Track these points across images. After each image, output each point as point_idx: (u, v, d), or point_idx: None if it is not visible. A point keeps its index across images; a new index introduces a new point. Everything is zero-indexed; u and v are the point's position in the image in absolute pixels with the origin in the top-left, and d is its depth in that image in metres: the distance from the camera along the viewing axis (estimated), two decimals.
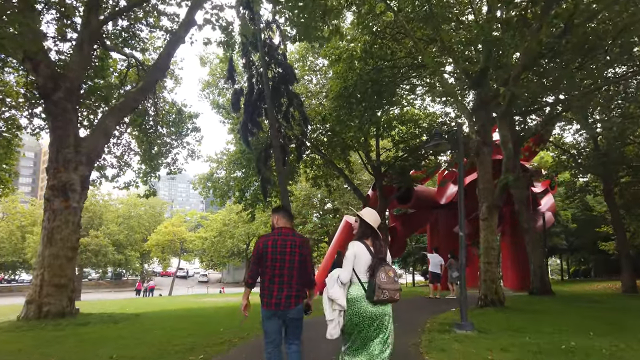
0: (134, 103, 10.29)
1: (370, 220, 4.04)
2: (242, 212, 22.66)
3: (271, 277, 4.16)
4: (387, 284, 3.75)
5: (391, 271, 3.86)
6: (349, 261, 3.91)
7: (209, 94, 22.62)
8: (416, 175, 23.89)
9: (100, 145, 9.42)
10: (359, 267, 3.89)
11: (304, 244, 4.29)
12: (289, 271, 4.16)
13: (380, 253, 3.94)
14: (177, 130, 15.87)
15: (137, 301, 29.27)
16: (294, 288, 4.15)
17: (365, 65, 16.64)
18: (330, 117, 17.80)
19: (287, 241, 4.24)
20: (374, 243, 3.98)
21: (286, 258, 4.18)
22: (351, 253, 3.91)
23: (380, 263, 3.86)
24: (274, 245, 4.20)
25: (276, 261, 4.16)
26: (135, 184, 15.68)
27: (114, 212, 46.54)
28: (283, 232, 4.30)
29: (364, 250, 3.90)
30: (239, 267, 61.27)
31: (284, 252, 4.18)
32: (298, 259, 4.20)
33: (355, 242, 4.00)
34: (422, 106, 23.84)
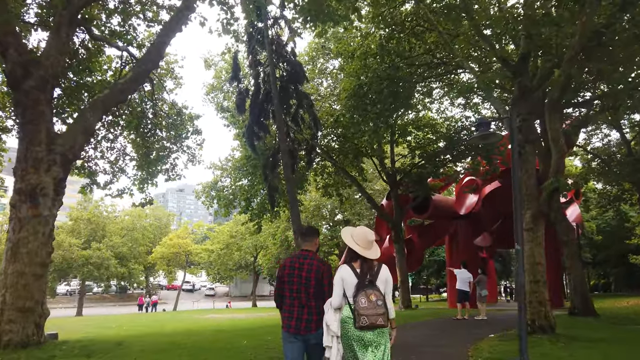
0: (121, 95, 8.93)
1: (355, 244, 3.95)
2: (247, 222, 21.18)
3: (290, 299, 4.14)
4: (367, 309, 3.64)
5: (373, 294, 3.71)
6: (337, 285, 3.86)
7: (213, 98, 21.37)
8: (434, 183, 22.33)
9: (78, 143, 8.04)
10: (348, 291, 3.81)
11: (321, 267, 4.16)
12: (306, 295, 4.09)
13: (367, 276, 3.81)
14: (177, 133, 14.50)
15: (136, 318, 27.79)
16: (314, 312, 4.07)
17: (382, 63, 15.24)
18: (344, 119, 16.35)
19: (305, 264, 4.17)
20: (362, 265, 3.86)
21: (302, 282, 4.11)
22: (338, 277, 3.88)
23: (362, 287, 3.74)
24: (292, 267, 4.18)
25: (293, 284, 4.13)
26: (129, 192, 14.31)
27: (118, 223, 45.26)
28: (303, 254, 4.27)
29: (350, 274, 3.83)
30: (247, 280, 59.65)
31: (300, 275, 4.13)
32: (314, 283, 4.09)
33: (343, 266, 3.95)
34: (439, 110, 22.43)
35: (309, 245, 4.35)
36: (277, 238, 37.78)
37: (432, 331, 10.84)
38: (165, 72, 15.62)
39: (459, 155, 20.54)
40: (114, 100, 8.84)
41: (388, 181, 21.99)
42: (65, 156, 7.81)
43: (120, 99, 8.99)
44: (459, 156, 20.66)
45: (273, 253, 39.31)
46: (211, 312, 33.21)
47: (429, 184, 21.78)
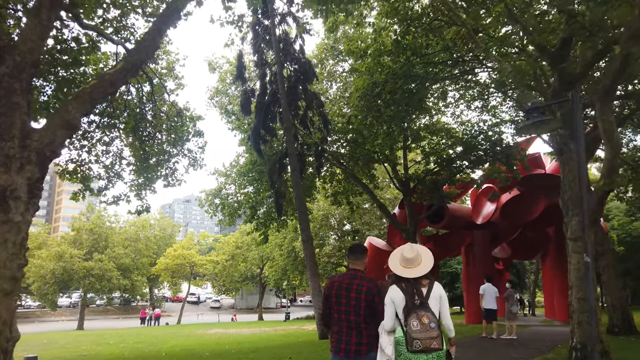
0: (111, 87, 7.91)
1: (394, 264, 3.88)
2: (253, 232, 20.07)
3: (339, 321, 3.99)
4: (419, 333, 3.49)
5: (425, 317, 3.52)
6: (388, 307, 3.75)
7: (218, 102, 20.40)
8: (449, 191, 21.14)
9: (58, 138, 6.99)
10: (400, 313, 3.65)
11: (372, 289, 3.99)
12: (356, 317, 3.92)
13: (414, 297, 3.64)
14: (177, 136, 13.47)
15: (137, 333, 26.65)
16: (364, 335, 3.92)
17: (396, 61, 14.22)
18: (356, 121, 15.27)
19: (353, 284, 4.01)
20: (406, 285, 3.72)
21: (351, 303, 3.95)
22: (387, 298, 3.76)
23: (413, 309, 3.57)
24: (339, 287, 4.04)
25: (341, 305, 3.98)
26: (126, 199, 13.27)
27: (121, 234, 44.27)
28: (351, 273, 4.12)
29: (399, 295, 3.69)
30: (253, 292, 58.40)
31: (349, 297, 3.97)
32: (364, 305, 3.92)
33: (392, 287, 3.82)
34: (454, 114, 21.34)
35: (357, 264, 4.15)
36: (284, 249, 36.65)
37: (467, 352, 9.64)
38: (166, 72, 14.67)
39: (476, 161, 19.39)
40: (103, 92, 7.82)
41: (401, 189, 20.83)
42: (42, 153, 6.78)
43: (109, 91, 7.96)
44: (476, 162, 19.50)
45: (280, 264, 38.13)
46: (216, 326, 32.00)
47: (444, 191, 20.61)
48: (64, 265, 35.68)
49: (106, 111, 12.91)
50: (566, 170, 8.21)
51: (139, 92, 13.53)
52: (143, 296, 49.30)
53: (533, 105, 5.44)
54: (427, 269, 3.76)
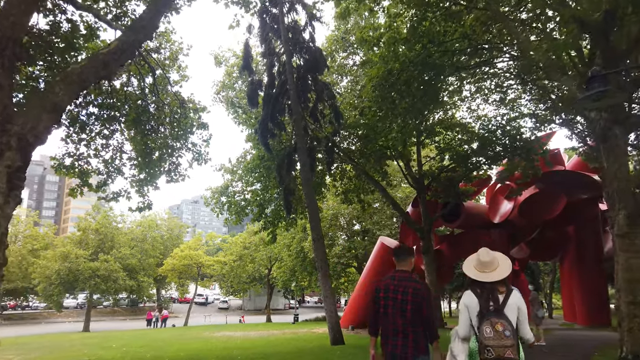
0: (104, 70, 7.17)
1: (469, 268, 3.77)
2: (260, 231, 19.29)
3: (385, 324, 3.90)
4: (491, 340, 3.35)
5: (500, 324, 3.39)
6: (462, 313, 3.66)
7: (224, 98, 19.63)
8: (465, 188, 20.23)
9: (43, 123, 6.25)
10: (474, 318, 3.55)
11: (419, 291, 3.80)
12: (402, 319, 3.79)
13: (489, 302, 3.52)
14: (180, 128, 12.73)
15: (143, 335, 25.99)
16: (410, 339, 3.76)
17: (412, 49, 13.40)
18: (369, 112, 14.45)
19: (400, 287, 3.85)
20: (481, 290, 3.58)
21: (398, 306, 3.81)
22: (462, 304, 3.68)
23: (486, 315, 3.46)
24: (387, 290, 3.92)
25: (388, 307, 3.87)
26: (126, 195, 12.54)
27: (127, 234, 43.71)
28: (397, 275, 3.97)
29: (474, 300, 3.58)
30: (260, 294, 57.68)
31: (395, 299, 3.84)
32: (411, 307, 3.76)
33: (467, 292, 3.72)
34: (470, 108, 20.43)
35: (403, 265, 4.00)
36: (293, 249, 35.88)
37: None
38: (170, 63, 13.94)
39: (494, 157, 18.48)
40: (94, 74, 7.08)
41: (415, 186, 19.98)
42: (24, 139, 6.04)
43: (102, 74, 7.23)
44: (494, 158, 18.58)
45: (288, 265, 37.35)
46: (223, 328, 31.26)
47: (460, 189, 19.72)
48: (69, 265, 35.13)
49: (105, 103, 12.23)
50: (611, 158, 7.33)
51: (141, 83, 12.84)
52: (150, 297, 48.76)
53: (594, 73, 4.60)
54: (503, 274, 3.61)
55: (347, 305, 30.51)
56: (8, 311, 53.91)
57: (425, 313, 3.75)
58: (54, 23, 9.20)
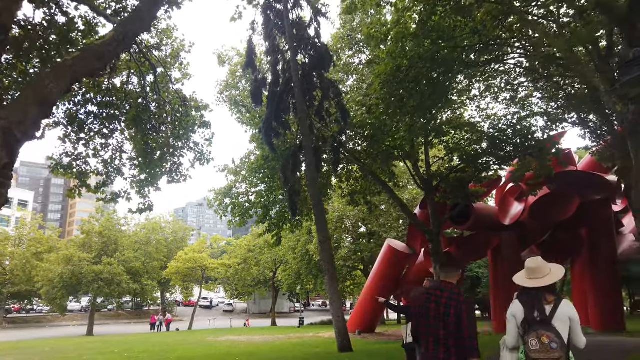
0: (98, 62, 6.77)
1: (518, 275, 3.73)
2: (265, 234, 18.85)
3: (426, 335, 3.87)
4: (537, 353, 3.25)
5: (546, 336, 3.26)
6: (509, 323, 3.57)
7: (228, 97, 19.23)
8: (475, 189, 19.71)
9: (31, 116, 5.84)
10: (520, 328, 3.45)
11: (461, 302, 3.76)
12: (444, 331, 3.73)
13: (534, 312, 3.38)
14: (182, 127, 12.32)
15: (146, 339, 25.58)
16: (452, 352, 3.70)
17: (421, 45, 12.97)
18: (377, 110, 14.00)
19: (443, 297, 3.83)
20: (526, 300, 3.48)
21: (440, 317, 3.77)
22: (509, 313, 3.59)
23: (532, 326, 3.34)
24: (428, 299, 3.91)
25: (430, 317, 3.83)
26: (126, 196, 12.14)
27: (131, 237, 43.38)
28: (441, 285, 3.98)
29: (520, 308, 3.49)
30: (265, 297, 57.22)
31: (437, 310, 3.80)
32: (453, 320, 3.70)
33: (514, 301, 3.60)
34: (479, 107, 19.93)
35: (451, 277, 4.01)
36: (298, 252, 35.45)
37: None
38: (171, 61, 13.55)
39: (505, 157, 17.97)
40: (88, 66, 6.68)
41: (423, 187, 19.46)
42: (10, 133, 5.64)
43: (96, 66, 6.82)
44: (505, 158, 18.06)
45: (293, 268, 36.92)
46: (227, 332, 30.84)
47: (469, 190, 19.20)
48: (72, 269, 34.81)
49: (105, 101, 11.86)
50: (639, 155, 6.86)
51: (141, 81, 12.46)
52: (154, 300, 48.40)
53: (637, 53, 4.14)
54: (552, 281, 3.54)
55: (353, 309, 30.03)
56: (12, 314, 53.74)
57: (465, 326, 3.67)
58: (49, 16, 8.81)
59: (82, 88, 11.77)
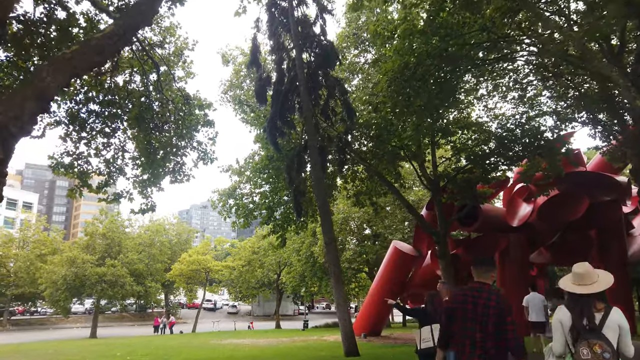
0: (97, 56, 6.54)
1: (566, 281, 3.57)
2: (269, 235, 18.59)
3: (462, 337, 3.70)
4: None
5: (598, 345, 3.13)
6: (556, 330, 3.48)
7: (232, 97, 19.00)
8: (483, 190, 19.37)
9: (27, 111, 5.60)
10: (568, 336, 3.34)
11: (501, 304, 3.61)
12: (482, 334, 3.57)
13: (583, 319, 3.27)
14: (185, 126, 12.09)
15: (149, 342, 25.35)
16: (489, 353, 3.54)
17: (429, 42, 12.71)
18: (384, 108, 13.74)
19: (480, 299, 3.67)
20: (574, 307, 3.37)
21: (478, 319, 3.61)
22: (555, 320, 3.52)
23: (583, 334, 3.22)
24: (464, 301, 3.73)
25: (467, 320, 3.67)
26: (128, 196, 11.93)
27: (135, 239, 43.21)
28: (477, 286, 3.81)
29: (568, 316, 3.39)
30: (269, 299, 56.96)
31: (475, 312, 3.63)
32: (493, 320, 3.55)
33: (560, 307, 3.55)
34: (486, 106, 19.63)
35: (484, 277, 3.82)
36: (302, 254, 35.18)
37: None
38: (175, 59, 13.33)
39: (513, 157, 17.66)
40: (87, 60, 6.45)
41: (430, 188, 19.16)
42: (5, 129, 5.40)
43: (95, 60, 6.58)
44: (514, 158, 17.75)
45: (298, 270, 36.63)
46: (231, 335, 30.57)
47: (477, 190, 18.87)
48: (75, 270, 34.68)
49: (107, 100, 11.65)
50: None
51: (144, 79, 12.25)
52: (158, 303, 48.23)
53: None
54: (601, 288, 3.39)
55: (358, 311, 29.72)
56: (16, 316, 53.70)
57: (508, 329, 3.54)
58: (48, 11, 8.59)
59: (84, 86, 11.59)
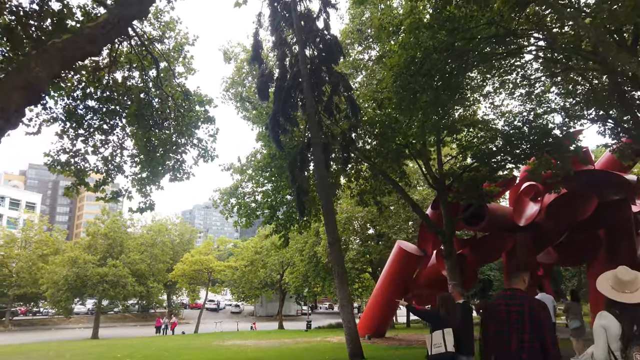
0: (90, 46, 6.22)
1: (607, 288, 3.39)
2: (272, 234, 18.26)
3: (499, 345, 3.57)
4: None
5: None
6: (599, 337, 3.31)
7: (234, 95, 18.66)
8: (489, 189, 18.99)
9: (14, 102, 5.30)
10: (613, 344, 3.20)
11: (536, 310, 3.54)
12: (518, 342, 3.46)
13: (633, 326, 3.16)
14: (185, 122, 11.78)
15: (150, 343, 25.06)
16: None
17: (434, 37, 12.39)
18: (389, 104, 13.40)
19: (514, 306, 3.58)
20: (621, 311, 3.24)
21: (513, 328, 3.50)
22: (598, 326, 3.34)
23: (635, 341, 3.11)
24: (498, 310, 3.64)
25: (502, 333, 3.53)
26: (127, 194, 11.62)
27: (137, 239, 42.95)
28: (509, 293, 3.74)
29: (614, 323, 3.25)
30: (272, 299, 56.64)
31: (509, 321, 3.54)
32: (529, 328, 3.47)
33: (603, 313, 3.38)
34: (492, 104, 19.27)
35: (516, 282, 3.73)
36: (305, 254, 34.88)
37: None
38: (175, 55, 13.01)
39: (521, 155, 17.28)
40: (79, 50, 6.14)
41: (435, 186, 18.80)
42: None
43: (87, 50, 6.26)
44: (521, 156, 17.37)
45: (301, 270, 36.33)
46: (234, 335, 30.27)
47: (484, 189, 18.49)
48: (77, 271, 34.45)
49: (104, 96, 11.35)
50: None
51: (143, 75, 11.94)
52: (160, 303, 47.98)
53: None
54: None
55: (362, 312, 29.38)
56: (19, 317, 53.55)
57: (546, 336, 3.46)
58: (42, 2, 8.28)
59: (81, 82, 11.30)
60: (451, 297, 6.21)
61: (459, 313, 5.91)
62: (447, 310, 5.91)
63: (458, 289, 6.61)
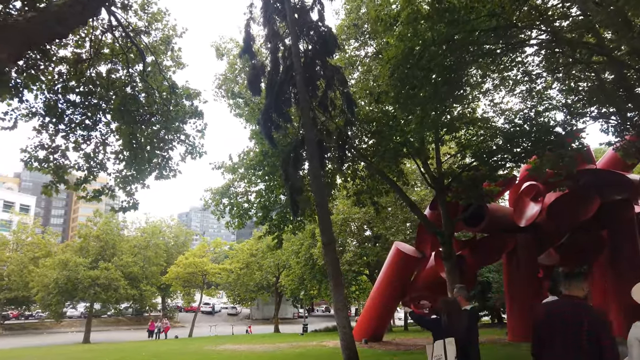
0: (58, 26, 5.60)
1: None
2: (265, 235, 17.68)
3: (551, 357, 3.41)
4: None
5: None
6: (633, 347, 3.41)
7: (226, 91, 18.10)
8: (490, 188, 18.47)
9: None
10: None
11: (594, 321, 3.24)
12: (575, 355, 3.24)
13: None
14: (171, 117, 11.19)
15: (142, 347, 24.39)
16: None
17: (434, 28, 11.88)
18: (387, 98, 12.87)
19: (570, 315, 3.36)
20: None
21: (569, 338, 3.29)
22: (633, 337, 3.46)
23: None
24: (553, 320, 3.43)
25: (555, 345, 3.35)
26: (110, 193, 11.02)
27: (130, 241, 42.23)
28: (566, 301, 3.51)
29: None
30: (268, 302, 55.98)
31: (565, 331, 3.32)
32: (586, 338, 3.22)
33: (638, 323, 3.53)
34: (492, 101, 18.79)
35: (574, 290, 3.44)
36: (301, 256, 34.28)
37: None
38: (163, 48, 12.43)
39: (522, 153, 16.78)
40: (46, 30, 5.54)
41: (434, 186, 18.27)
42: None
43: (55, 30, 5.65)
44: (522, 155, 16.87)
45: (297, 273, 35.73)
46: (228, 339, 29.61)
47: (484, 189, 17.97)
48: (67, 274, 33.74)
49: (87, 90, 10.76)
50: None
51: (128, 69, 11.36)
52: (154, 306, 47.23)
53: None
54: None
55: (359, 316, 28.81)
56: (10, 321, 52.71)
57: (606, 350, 3.16)
58: None
59: (62, 75, 10.71)
60: (456, 302, 5.61)
61: (465, 320, 5.34)
62: (450, 317, 5.32)
63: (464, 293, 6.04)
